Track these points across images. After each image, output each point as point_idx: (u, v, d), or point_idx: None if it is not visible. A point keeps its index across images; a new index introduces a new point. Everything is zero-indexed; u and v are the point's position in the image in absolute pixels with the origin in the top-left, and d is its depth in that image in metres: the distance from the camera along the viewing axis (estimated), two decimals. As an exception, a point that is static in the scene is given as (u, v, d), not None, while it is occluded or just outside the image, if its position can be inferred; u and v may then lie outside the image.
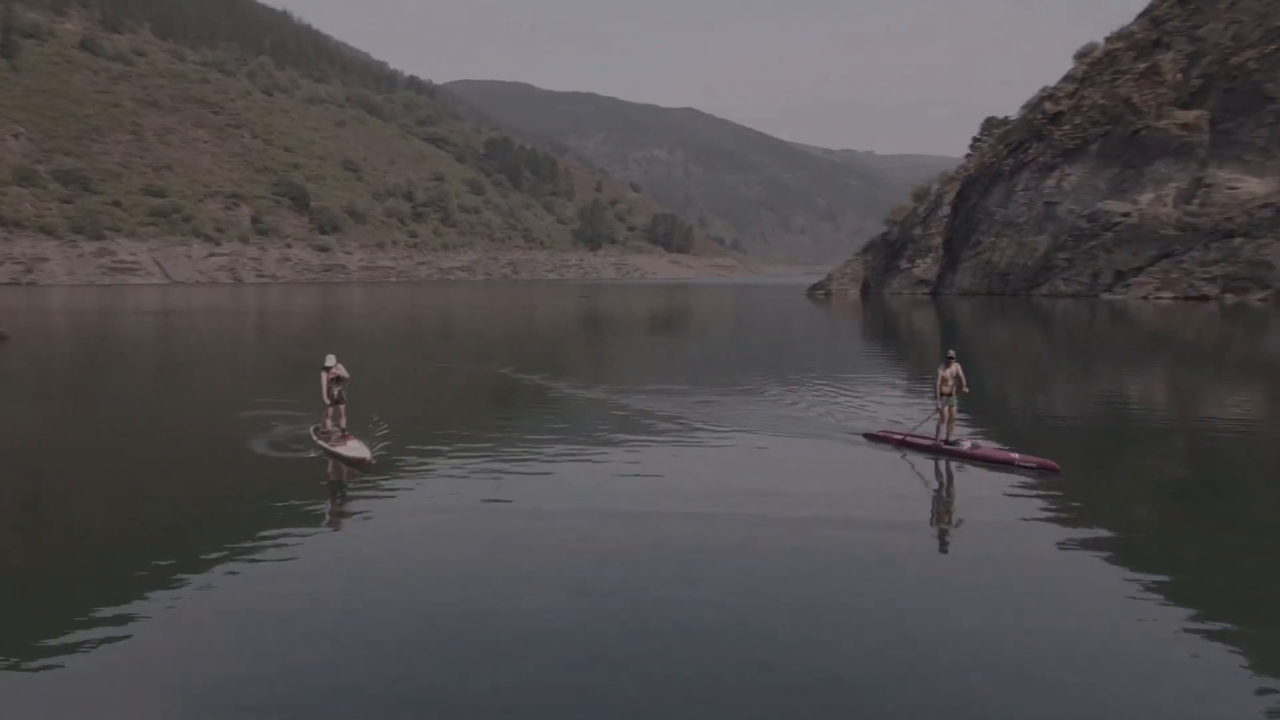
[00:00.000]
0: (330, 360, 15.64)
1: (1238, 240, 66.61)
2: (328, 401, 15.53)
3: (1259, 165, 68.62)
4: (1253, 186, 68.35)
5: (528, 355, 35.35)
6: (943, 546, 11.02)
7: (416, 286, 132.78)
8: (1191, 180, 71.62)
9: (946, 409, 15.42)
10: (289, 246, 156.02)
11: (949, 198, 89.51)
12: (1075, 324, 52.49)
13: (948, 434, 15.43)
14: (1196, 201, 70.67)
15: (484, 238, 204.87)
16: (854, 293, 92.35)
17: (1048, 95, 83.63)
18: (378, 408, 18.82)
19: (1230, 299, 64.30)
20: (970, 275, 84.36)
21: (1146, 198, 73.57)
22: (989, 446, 15.19)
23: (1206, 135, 71.67)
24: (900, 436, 16.17)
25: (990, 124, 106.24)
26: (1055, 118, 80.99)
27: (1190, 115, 72.57)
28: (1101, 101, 77.93)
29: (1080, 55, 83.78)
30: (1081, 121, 78.82)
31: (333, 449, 14.69)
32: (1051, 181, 79.55)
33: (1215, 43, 73.35)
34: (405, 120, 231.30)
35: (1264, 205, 66.50)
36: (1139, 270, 72.08)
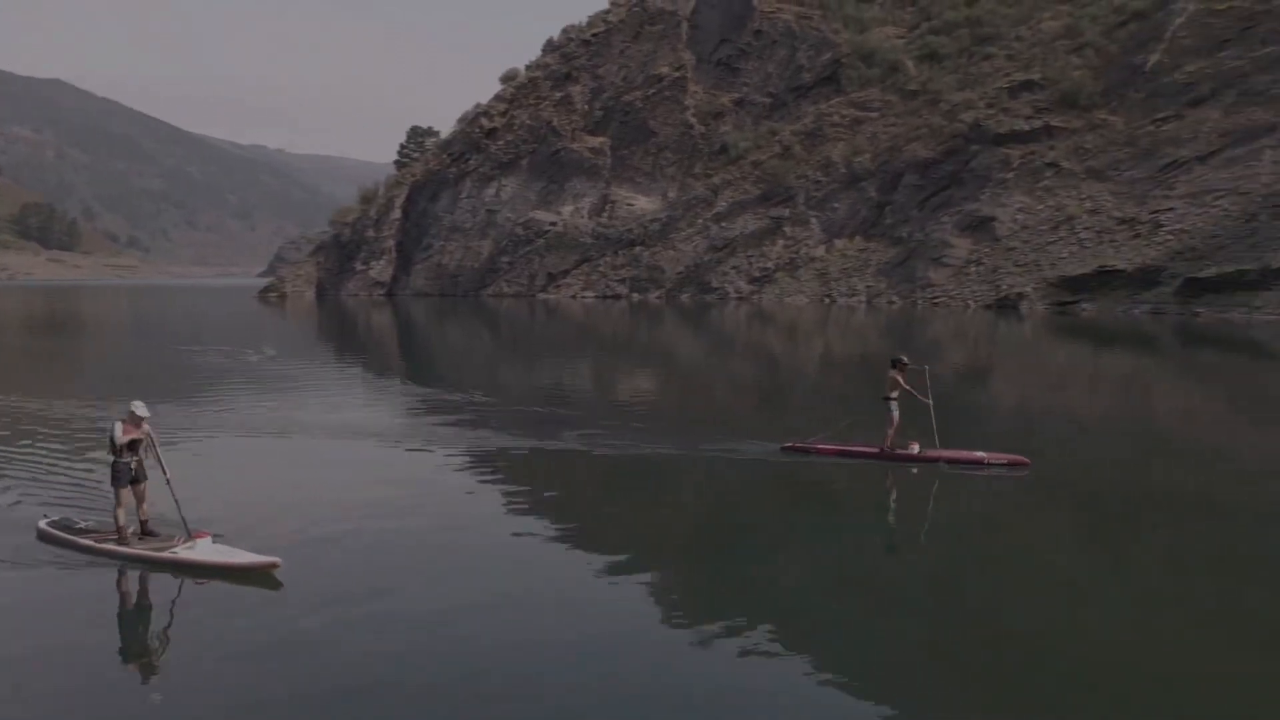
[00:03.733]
0: (141, 410, 10.14)
1: (638, 249, 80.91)
2: (122, 479, 10.01)
3: (647, 186, 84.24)
4: (644, 204, 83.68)
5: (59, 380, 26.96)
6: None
7: None
8: (600, 196, 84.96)
9: (895, 415, 14.51)
10: None
11: (399, 202, 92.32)
12: (518, 320, 59.71)
13: (890, 441, 14.54)
14: (605, 215, 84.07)
15: None
16: (309, 295, 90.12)
17: (483, 112, 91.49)
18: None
19: (636, 297, 77.89)
20: (424, 277, 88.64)
21: (568, 210, 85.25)
22: (946, 449, 14.35)
23: (609, 159, 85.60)
24: (833, 448, 14.82)
25: (416, 133, 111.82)
26: (491, 133, 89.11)
27: (596, 141, 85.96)
28: (529, 122, 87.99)
29: (506, 79, 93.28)
30: (513, 139, 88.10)
31: (167, 554, 9.66)
32: (491, 191, 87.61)
33: (611, 81, 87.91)
34: None
35: (653, 220, 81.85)
36: (566, 273, 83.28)
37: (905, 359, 14.79)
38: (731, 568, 9.74)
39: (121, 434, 9.96)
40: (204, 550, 9.69)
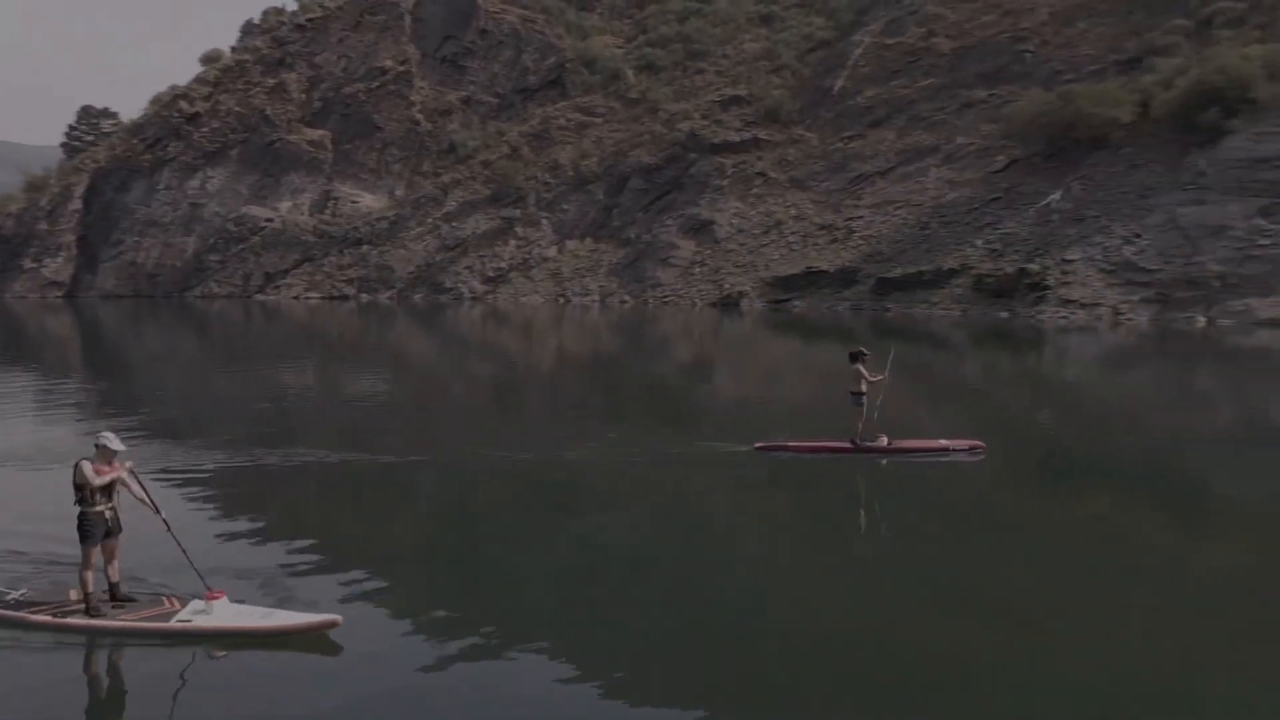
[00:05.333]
0: (114, 443, 8.06)
1: (365, 248, 77.88)
2: (96, 534, 7.93)
3: (373, 183, 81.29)
4: (369, 202, 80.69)
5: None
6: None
7: None
8: (322, 192, 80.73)
9: (858, 408, 14.80)
10: None
11: (79, 191, 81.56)
12: (235, 324, 55.65)
13: (859, 434, 14.78)
14: (328, 212, 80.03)
15: None
16: (-37, 297, 77.12)
17: (182, 94, 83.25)
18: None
19: (365, 298, 74.94)
20: (114, 276, 79.26)
21: (286, 205, 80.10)
22: (911, 439, 14.89)
23: (331, 153, 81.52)
24: (807, 445, 14.92)
25: (89, 114, 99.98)
26: (193, 118, 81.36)
27: (316, 133, 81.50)
28: (237, 109, 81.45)
29: (209, 61, 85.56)
30: (220, 126, 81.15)
31: (175, 624, 7.59)
32: (195, 182, 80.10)
33: (330, 71, 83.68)
34: None
35: (380, 218, 79.19)
36: (287, 272, 78.26)
37: (865, 351, 15.05)
38: (495, 570, 9.80)
39: (95, 475, 7.85)
40: (227, 613, 7.58)
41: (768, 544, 11.04)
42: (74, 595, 7.99)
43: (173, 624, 7.54)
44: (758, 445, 14.92)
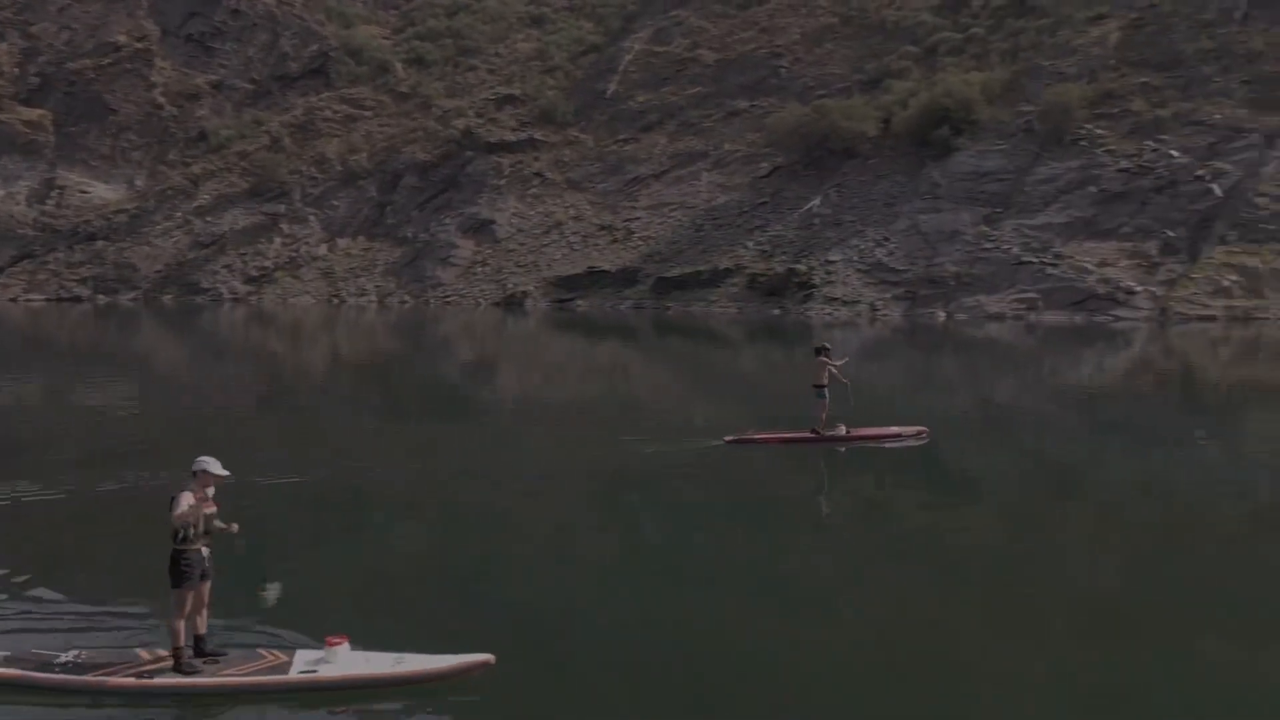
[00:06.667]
0: (217, 468, 6.78)
1: (100, 243, 69.86)
2: (193, 575, 6.59)
3: (107, 172, 73.13)
4: (104, 192, 72.54)
5: None
6: None
7: None
8: (43, 180, 71.54)
9: (820, 400, 15.54)
10: None
11: None
12: None
13: (823, 425, 15.56)
14: (51, 202, 71.02)
15: None
16: None
17: None
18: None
19: (103, 299, 67.20)
20: None
21: (-2, 194, 70.19)
22: (865, 428, 15.68)
23: (52, 136, 72.37)
24: (773, 437, 15.65)
25: None
26: None
27: (34, 113, 72.02)
28: (-71, 82, 70.24)
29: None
30: (-93, 101, 69.56)
31: (295, 676, 6.32)
32: (-125, 166, 68.05)
33: (50, 43, 74.24)
34: None
35: (118, 211, 71.41)
36: (1, 270, 68.55)
37: (828, 346, 16.08)
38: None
39: (192, 509, 6.63)
40: (354, 661, 6.48)
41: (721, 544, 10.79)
42: (144, 654, 6.78)
43: (293, 676, 6.37)
44: (728, 439, 15.52)
